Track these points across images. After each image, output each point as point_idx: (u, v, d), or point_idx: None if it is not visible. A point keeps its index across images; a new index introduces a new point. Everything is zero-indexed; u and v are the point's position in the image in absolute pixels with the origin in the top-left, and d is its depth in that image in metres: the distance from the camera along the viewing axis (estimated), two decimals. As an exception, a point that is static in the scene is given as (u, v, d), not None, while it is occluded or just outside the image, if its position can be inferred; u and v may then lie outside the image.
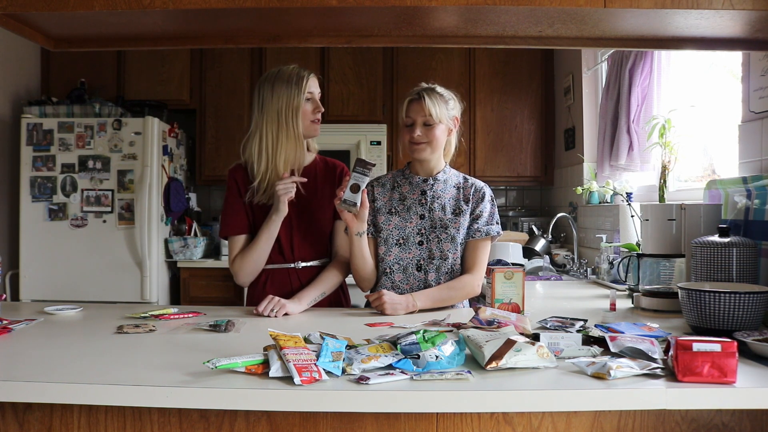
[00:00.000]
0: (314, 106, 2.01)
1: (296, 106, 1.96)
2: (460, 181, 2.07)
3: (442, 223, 1.99)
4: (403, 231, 2.01)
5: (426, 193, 2.03)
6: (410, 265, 2.00)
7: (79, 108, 3.68)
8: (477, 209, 2.02)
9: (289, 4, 1.49)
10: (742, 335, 1.39)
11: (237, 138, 4.13)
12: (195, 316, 1.80)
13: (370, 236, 2.03)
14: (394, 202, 2.04)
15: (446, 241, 1.98)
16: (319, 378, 1.14)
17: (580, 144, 3.71)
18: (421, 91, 1.98)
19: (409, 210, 2.02)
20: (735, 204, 1.98)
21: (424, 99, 1.95)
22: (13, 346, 1.44)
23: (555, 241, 4.00)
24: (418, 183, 2.04)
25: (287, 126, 1.96)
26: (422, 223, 2.01)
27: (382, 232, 2.02)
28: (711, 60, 2.70)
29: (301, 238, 2.04)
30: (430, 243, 1.99)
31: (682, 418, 1.27)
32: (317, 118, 2.03)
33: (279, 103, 1.97)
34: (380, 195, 2.06)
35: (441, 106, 1.96)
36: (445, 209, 2.01)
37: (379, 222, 2.03)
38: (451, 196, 2.03)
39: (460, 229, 2.00)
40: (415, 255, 2.00)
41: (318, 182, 2.07)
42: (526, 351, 1.23)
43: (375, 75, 4.15)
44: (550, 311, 1.83)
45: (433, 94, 1.97)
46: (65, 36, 1.81)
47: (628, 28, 1.70)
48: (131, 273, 3.58)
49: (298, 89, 1.96)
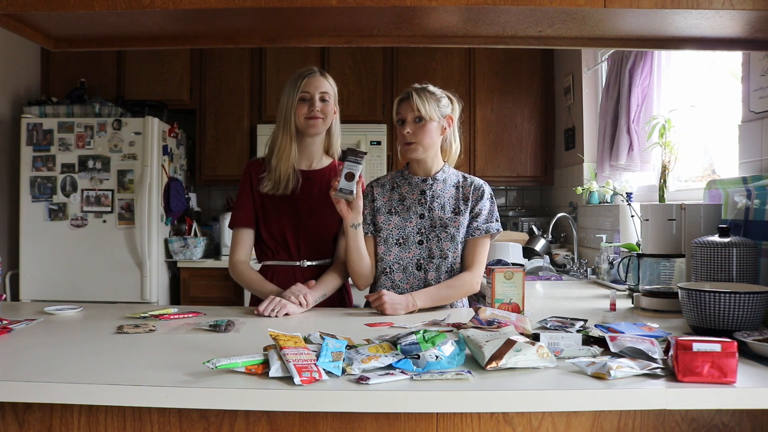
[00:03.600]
0: (309, 105, 2.01)
1: (291, 105, 2.02)
2: (460, 180, 2.07)
3: (442, 222, 2.00)
4: (403, 231, 2.01)
5: (425, 192, 2.03)
6: (410, 264, 2.00)
7: (79, 108, 3.68)
8: (476, 207, 2.02)
9: (289, 4, 1.49)
10: (742, 335, 1.39)
11: (237, 138, 4.18)
12: (195, 316, 1.79)
13: (369, 235, 2.04)
14: (394, 202, 2.05)
15: (446, 240, 1.99)
16: (319, 378, 1.14)
17: (580, 144, 3.71)
18: (410, 89, 1.99)
19: (408, 210, 2.02)
20: (735, 204, 1.97)
21: (412, 96, 1.96)
22: (13, 346, 1.44)
23: (555, 241, 4.00)
24: (417, 183, 2.04)
25: (284, 123, 2.03)
26: (422, 222, 2.01)
27: (381, 231, 2.02)
28: (711, 60, 2.70)
29: (308, 237, 2.06)
30: (430, 242, 2.00)
31: (682, 418, 1.27)
32: (312, 116, 2.01)
33: (281, 102, 2.05)
34: (380, 195, 2.07)
35: (431, 104, 1.96)
36: (444, 208, 2.01)
37: (379, 222, 2.03)
38: (450, 195, 2.04)
39: (459, 228, 2.00)
40: (415, 254, 2.00)
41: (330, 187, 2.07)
42: (526, 351, 1.23)
43: (375, 75, 4.15)
44: (550, 311, 1.83)
45: (422, 92, 1.97)
46: (65, 36, 1.81)
47: (628, 28, 1.70)
48: (131, 273, 3.58)
49: (294, 89, 2.01)
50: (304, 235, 2.06)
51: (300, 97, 2.00)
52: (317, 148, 2.11)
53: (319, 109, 2.01)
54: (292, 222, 2.05)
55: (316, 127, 2.03)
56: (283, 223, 2.06)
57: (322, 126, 2.04)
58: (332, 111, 2.07)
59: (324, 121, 2.04)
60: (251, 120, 4.15)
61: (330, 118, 2.07)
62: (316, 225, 2.06)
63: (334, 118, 2.09)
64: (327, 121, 2.06)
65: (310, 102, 2.01)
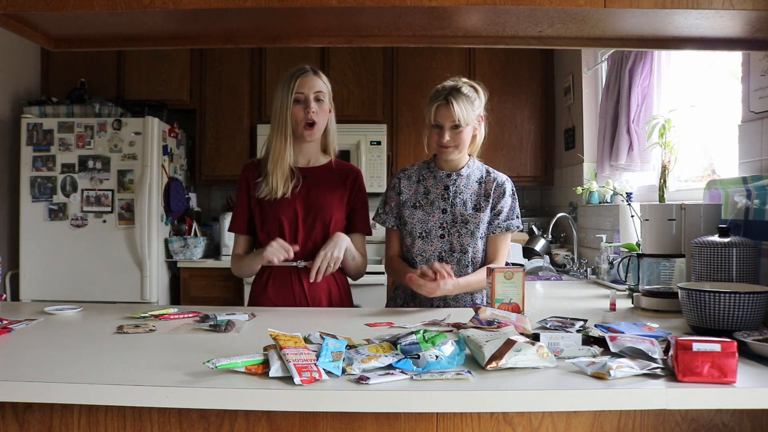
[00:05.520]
0: (304, 106, 1.99)
1: (286, 107, 1.99)
2: (483, 175, 2.12)
3: (463, 218, 2.06)
4: (425, 224, 2.07)
5: (449, 188, 2.08)
6: (432, 256, 2.07)
7: (79, 108, 3.68)
8: (498, 205, 2.08)
9: (288, 4, 1.49)
10: (742, 335, 1.39)
11: (237, 138, 4.18)
12: (195, 316, 1.79)
13: (395, 229, 2.12)
14: (419, 195, 2.10)
15: (466, 235, 2.05)
16: (319, 378, 1.14)
17: (580, 144, 3.71)
18: (448, 95, 1.97)
19: (432, 204, 2.08)
20: (735, 204, 1.97)
21: (452, 105, 1.95)
22: (13, 346, 1.44)
23: (555, 241, 4.01)
24: (442, 178, 2.10)
25: (279, 126, 2.01)
26: (444, 217, 2.07)
27: (407, 225, 2.09)
28: (711, 60, 2.70)
29: (305, 238, 2.05)
30: (451, 237, 2.06)
31: (682, 418, 1.27)
32: (308, 120, 1.99)
33: (275, 103, 2.03)
34: (406, 188, 2.12)
35: (468, 110, 1.97)
36: (466, 205, 2.07)
37: (405, 215, 2.09)
38: (473, 191, 2.09)
39: (480, 224, 2.06)
40: (437, 247, 2.07)
41: (328, 184, 2.08)
42: (526, 351, 1.23)
43: (375, 75, 4.15)
44: (550, 311, 1.83)
45: (460, 97, 1.96)
46: (65, 36, 1.81)
47: (628, 28, 1.70)
48: (131, 273, 3.58)
49: (288, 90, 1.99)
50: (302, 236, 2.05)
51: (294, 98, 1.98)
52: (314, 148, 2.11)
53: (315, 110, 1.99)
54: (290, 223, 2.04)
55: (312, 135, 2.03)
56: (281, 225, 2.04)
57: (318, 132, 2.04)
58: (327, 110, 2.06)
59: (318, 125, 2.03)
60: (251, 120, 4.15)
61: (325, 119, 2.06)
62: (313, 225, 2.06)
63: (330, 117, 2.08)
64: (322, 125, 2.05)
65: (305, 103, 1.99)
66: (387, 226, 2.13)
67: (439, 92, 2.00)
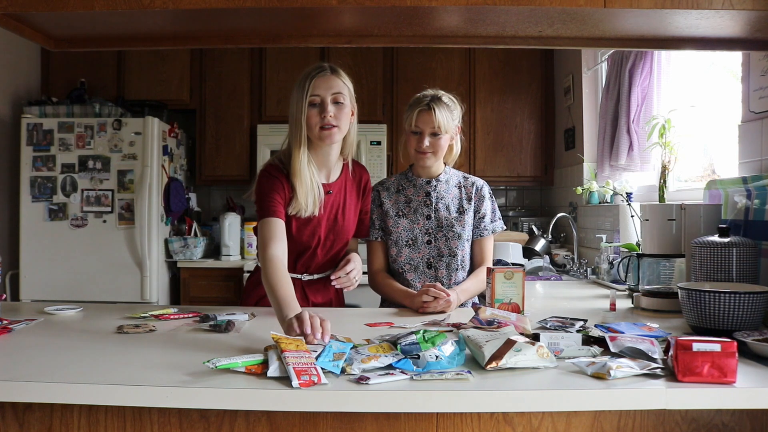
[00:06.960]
0: (320, 110, 1.79)
1: (300, 111, 1.79)
2: (461, 180, 2.15)
3: (448, 222, 2.07)
4: (411, 232, 2.08)
5: (430, 194, 2.09)
6: (421, 263, 2.07)
7: (79, 108, 3.68)
8: (480, 209, 2.11)
9: (289, 4, 1.49)
10: (742, 335, 1.39)
11: (237, 138, 4.18)
12: (195, 316, 1.79)
13: (379, 240, 2.11)
14: (401, 204, 2.11)
15: (453, 239, 2.06)
16: (317, 382, 1.12)
17: (580, 144, 3.71)
18: (430, 102, 1.99)
19: (415, 212, 2.09)
20: (735, 204, 1.97)
21: (434, 111, 1.97)
22: (13, 346, 1.43)
23: (555, 241, 4.00)
24: (422, 185, 2.11)
25: (295, 132, 1.82)
26: (429, 223, 2.08)
27: (391, 234, 2.09)
28: (711, 60, 2.70)
29: (324, 255, 1.98)
30: (438, 242, 2.07)
31: (682, 418, 1.27)
32: (326, 124, 1.79)
33: (291, 106, 1.84)
34: (386, 198, 2.12)
35: (448, 118, 2.01)
36: (449, 209, 2.09)
37: (389, 225, 2.09)
38: (454, 195, 2.11)
39: (465, 226, 2.08)
40: (425, 254, 2.07)
41: (349, 200, 1.99)
42: (526, 351, 1.23)
43: (375, 75, 4.15)
44: (550, 311, 1.83)
45: (441, 104, 2.00)
46: (65, 36, 1.81)
47: (628, 28, 1.70)
48: (131, 273, 3.58)
49: (302, 92, 1.79)
50: (321, 254, 1.97)
51: (310, 101, 1.79)
52: (333, 156, 1.91)
53: (333, 114, 1.79)
54: (309, 244, 1.92)
55: (331, 138, 1.82)
56: (300, 243, 1.92)
57: (338, 135, 1.83)
58: (349, 113, 1.85)
59: (339, 129, 1.82)
60: (251, 120, 4.15)
61: (347, 123, 1.86)
62: (334, 242, 1.97)
63: (352, 121, 1.89)
64: (343, 129, 1.84)
65: (321, 106, 1.79)
66: (371, 238, 2.10)
67: (420, 99, 2.02)
